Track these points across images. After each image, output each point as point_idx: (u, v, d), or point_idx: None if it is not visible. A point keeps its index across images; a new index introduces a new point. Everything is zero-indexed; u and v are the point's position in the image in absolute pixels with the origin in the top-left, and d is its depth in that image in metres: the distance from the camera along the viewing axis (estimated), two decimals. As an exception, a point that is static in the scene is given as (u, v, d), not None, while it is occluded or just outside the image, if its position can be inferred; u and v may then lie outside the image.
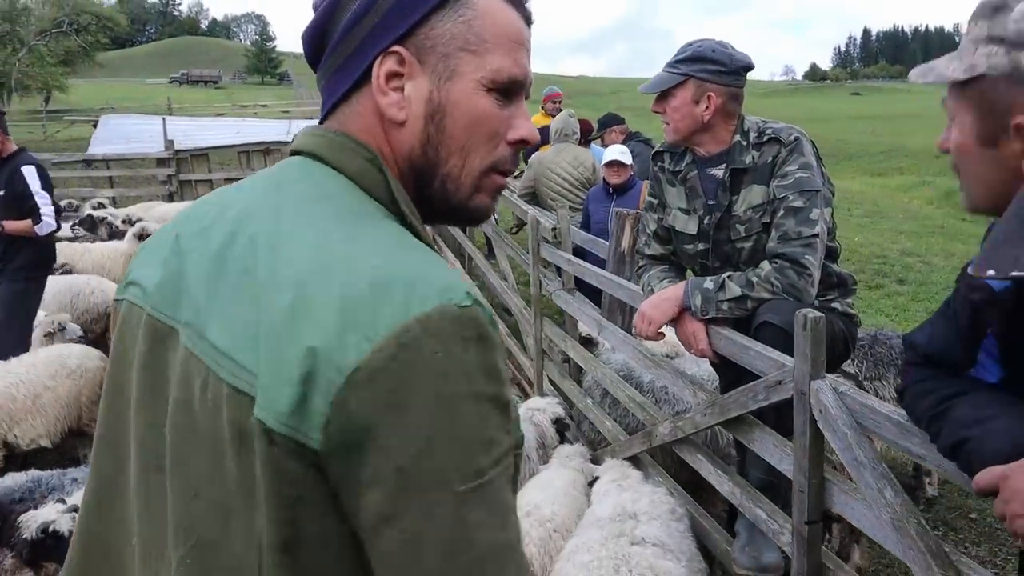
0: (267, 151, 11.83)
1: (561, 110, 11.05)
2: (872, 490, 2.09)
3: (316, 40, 1.02)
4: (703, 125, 3.00)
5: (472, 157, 0.99)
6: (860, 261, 10.54)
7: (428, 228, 1.05)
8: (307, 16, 1.05)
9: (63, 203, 12.55)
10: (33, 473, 3.89)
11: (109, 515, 0.99)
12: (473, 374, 0.79)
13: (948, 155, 1.47)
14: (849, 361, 4.26)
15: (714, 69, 2.95)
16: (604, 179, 6.42)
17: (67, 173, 15.67)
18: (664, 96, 3.02)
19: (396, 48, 0.95)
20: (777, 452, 2.59)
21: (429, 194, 1.00)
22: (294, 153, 1.02)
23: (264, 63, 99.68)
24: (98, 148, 15.96)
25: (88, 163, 15.41)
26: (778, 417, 2.72)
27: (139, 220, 9.54)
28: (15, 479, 3.84)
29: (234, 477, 0.81)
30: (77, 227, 9.68)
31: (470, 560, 0.77)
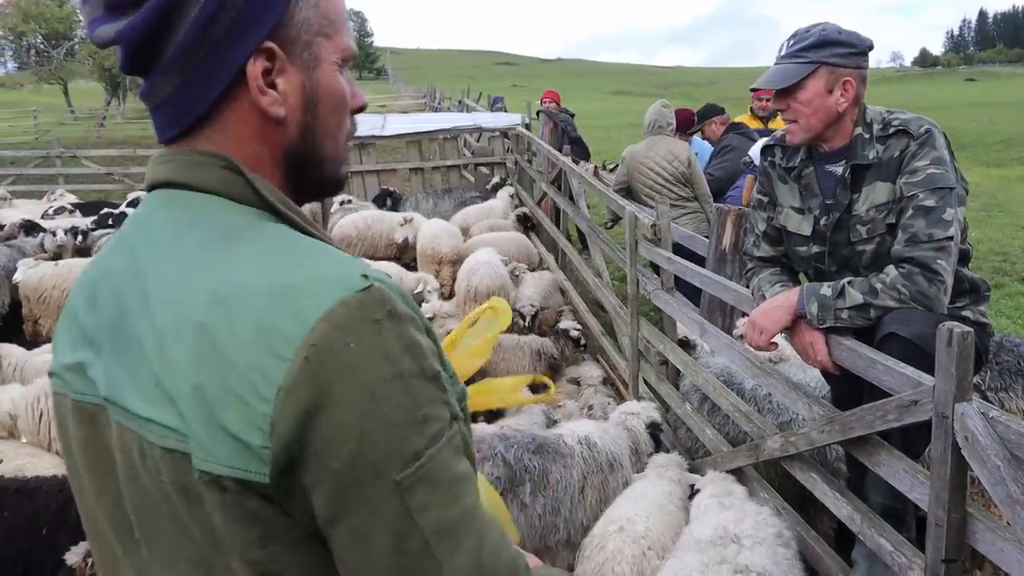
0: (361, 145, 11.93)
1: (565, 110, 10.78)
2: (1029, 532, 1.82)
3: (145, 47, 0.90)
4: (836, 117, 2.73)
5: (339, 135, 1.01)
6: (977, 258, 9.87)
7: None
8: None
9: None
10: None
11: None
12: (392, 354, 0.79)
13: None
14: (973, 371, 3.91)
15: (845, 52, 2.68)
16: None
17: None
18: (789, 90, 2.73)
19: (268, 44, 0.91)
20: (908, 479, 2.33)
21: (306, 177, 1.00)
22: (150, 187, 0.97)
23: (362, 58, 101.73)
24: (202, 144, 16.48)
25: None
26: (905, 438, 2.46)
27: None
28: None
29: (195, 533, 0.81)
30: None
31: (420, 543, 0.78)
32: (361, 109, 1.05)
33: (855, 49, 2.70)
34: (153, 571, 0.88)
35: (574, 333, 6.25)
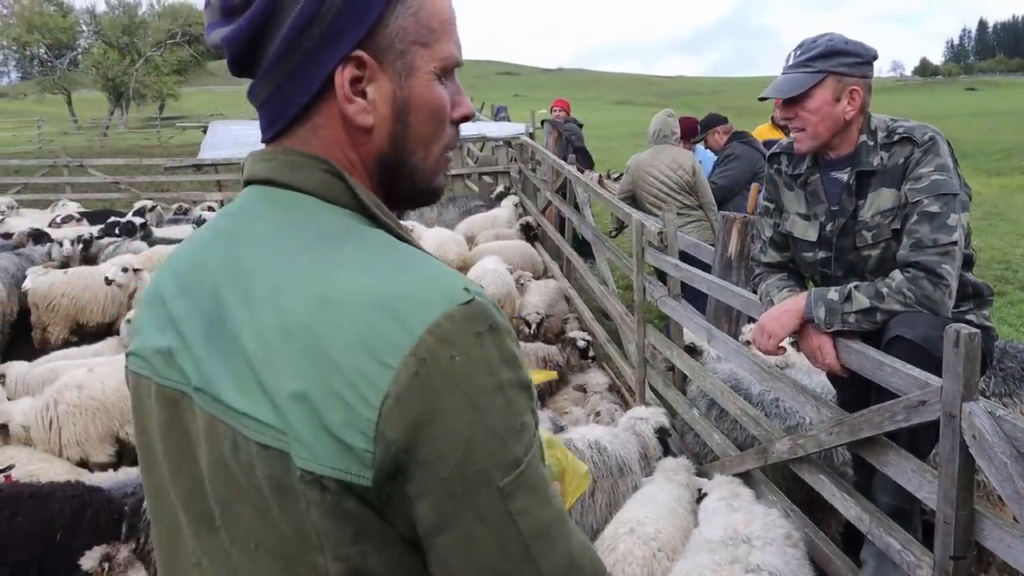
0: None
1: (574, 120, 10.83)
2: (1035, 528, 1.87)
3: (249, 47, 0.94)
4: (844, 125, 2.78)
5: (433, 145, 1.00)
6: (980, 266, 9.86)
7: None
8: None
9: (174, 206, 13.12)
10: (145, 469, 4.02)
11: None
12: (493, 366, 0.82)
13: None
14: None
15: (852, 62, 2.73)
16: None
17: (179, 177, 16.39)
18: (798, 99, 2.77)
19: (357, 53, 0.93)
20: (916, 478, 2.37)
21: (398, 186, 1.01)
22: (248, 183, 0.99)
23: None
24: (207, 153, 16.62)
25: (198, 167, 16.05)
26: (913, 439, 2.50)
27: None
28: (127, 473, 4.01)
29: (285, 527, 0.83)
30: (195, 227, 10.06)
31: (521, 546, 0.82)
32: (466, 118, 1.04)
33: (861, 59, 2.75)
34: (233, 558, 0.89)
35: (582, 343, 6.23)
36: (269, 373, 0.82)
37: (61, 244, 8.57)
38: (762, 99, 3.03)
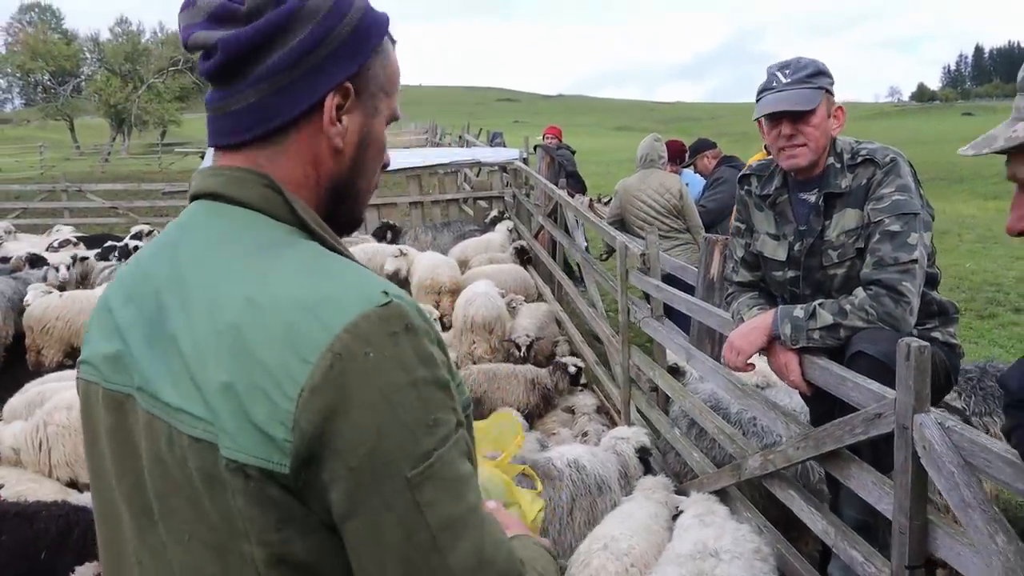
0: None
1: (566, 146, 10.95)
2: (982, 535, 1.91)
3: (245, 55, 1.00)
4: (830, 142, 2.86)
5: (372, 179, 1.14)
6: (972, 289, 9.96)
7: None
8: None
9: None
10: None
11: None
12: (407, 363, 0.87)
13: None
14: (956, 395, 4.00)
15: (831, 82, 2.84)
16: None
17: (177, 202, 16.48)
18: (803, 115, 2.80)
19: (347, 84, 1.04)
20: (876, 490, 2.42)
21: (341, 208, 1.11)
22: (194, 197, 1.06)
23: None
24: (205, 178, 16.71)
25: (196, 192, 16.15)
26: (875, 453, 2.55)
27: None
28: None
29: (214, 516, 0.89)
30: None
31: (428, 536, 0.86)
32: (386, 167, 1.17)
33: (833, 81, 2.85)
34: (168, 550, 0.94)
35: (572, 369, 6.19)
36: (201, 370, 0.89)
37: (57, 269, 8.65)
38: (773, 114, 2.86)
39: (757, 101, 2.90)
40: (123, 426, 0.98)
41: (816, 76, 2.81)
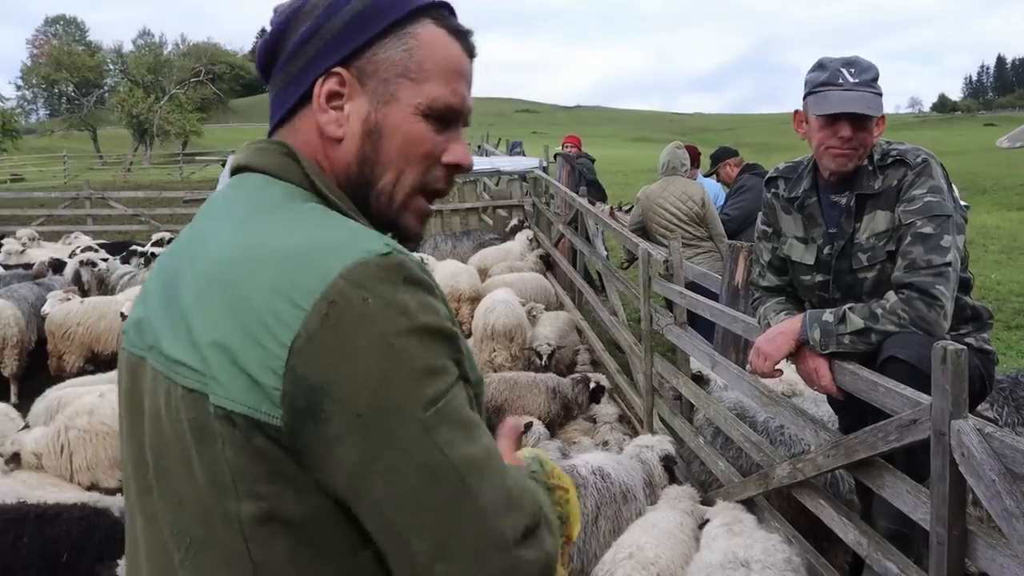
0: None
1: (585, 154, 10.90)
2: (1026, 546, 1.85)
3: (268, 57, 1.09)
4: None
5: (405, 176, 1.05)
6: (998, 299, 9.82)
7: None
8: None
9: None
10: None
11: (134, 551, 1.02)
12: (407, 310, 0.84)
13: None
14: (988, 404, 3.91)
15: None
16: None
17: (197, 210, 16.59)
18: (863, 120, 2.69)
19: (337, 69, 1.03)
20: (911, 499, 2.35)
21: (367, 210, 1.06)
22: (233, 173, 1.09)
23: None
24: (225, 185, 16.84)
25: (216, 200, 16.26)
26: (909, 461, 2.49)
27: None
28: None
29: (202, 474, 0.86)
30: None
31: (455, 478, 0.82)
32: (458, 167, 1.09)
33: None
34: (160, 514, 0.93)
35: (594, 385, 6.05)
36: (196, 320, 0.88)
37: (95, 264, 8.90)
38: (837, 114, 2.71)
39: (810, 94, 2.78)
40: (136, 389, 0.98)
41: (877, 81, 2.74)
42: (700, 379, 4.59)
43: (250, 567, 0.86)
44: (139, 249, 10.10)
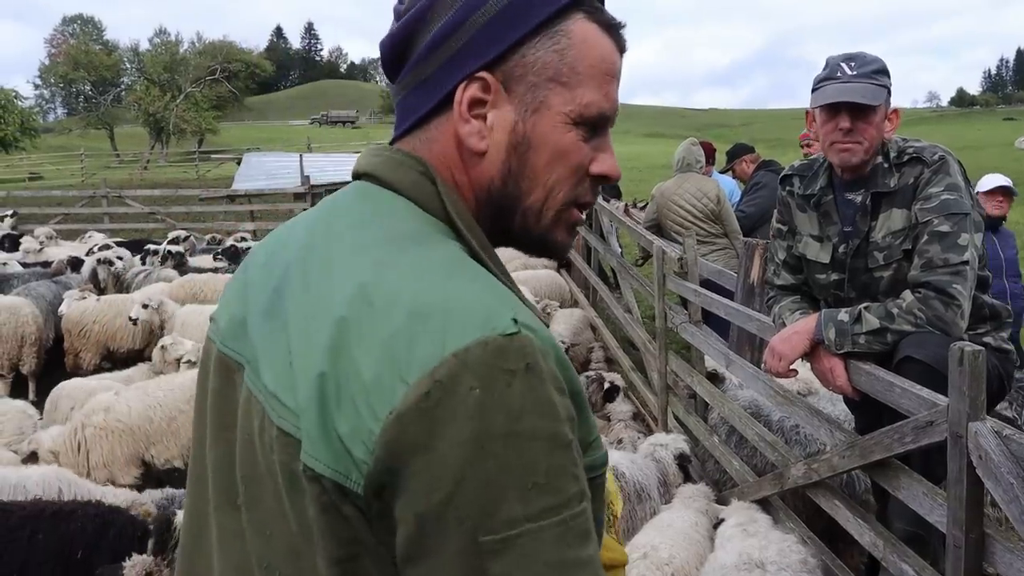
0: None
1: None
2: (1044, 550, 1.82)
3: (397, 52, 0.96)
4: (881, 144, 2.75)
5: (555, 192, 0.95)
6: (1018, 298, 9.69)
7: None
8: None
9: (207, 237, 13.38)
10: (168, 491, 4.17)
11: (201, 552, 0.97)
12: (517, 410, 0.72)
13: None
14: (1007, 404, 3.87)
15: (891, 82, 2.72)
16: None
17: (214, 208, 16.70)
18: (864, 111, 2.67)
19: (482, 74, 0.91)
20: (927, 502, 2.33)
21: (509, 227, 0.96)
22: (356, 176, 0.98)
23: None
24: (241, 184, 16.93)
25: (231, 198, 16.31)
26: (925, 460, 2.46)
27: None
28: (151, 495, 4.06)
29: (292, 519, 0.80)
30: (220, 257, 10.24)
31: None
32: (605, 177, 0.98)
33: (891, 81, 2.75)
34: (249, 539, 0.86)
35: (608, 385, 5.95)
36: (299, 358, 0.80)
37: (112, 263, 8.99)
38: (834, 105, 2.73)
39: (814, 90, 2.78)
40: (228, 394, 0.92)
41: (880, 74, 2.70)
42: (715, 377, 4.56)
43: None
44: (153, 248, 10.18)
